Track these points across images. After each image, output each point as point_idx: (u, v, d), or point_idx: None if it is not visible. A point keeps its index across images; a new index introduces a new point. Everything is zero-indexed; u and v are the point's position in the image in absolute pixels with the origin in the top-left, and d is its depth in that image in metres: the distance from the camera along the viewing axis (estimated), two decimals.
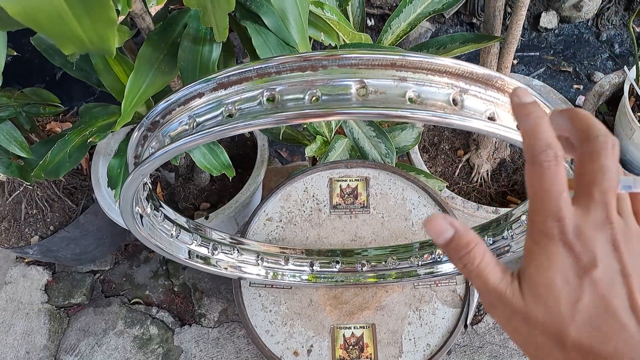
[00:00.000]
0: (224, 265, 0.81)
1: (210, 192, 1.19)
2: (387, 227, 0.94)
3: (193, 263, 0.76)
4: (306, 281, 0.88)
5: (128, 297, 1.53)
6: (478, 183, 1.17)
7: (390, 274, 0.88)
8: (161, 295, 1.53)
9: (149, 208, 0.67)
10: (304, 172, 0.99)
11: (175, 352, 1.43)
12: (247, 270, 0.85)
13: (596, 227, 0.27)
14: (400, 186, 0.98)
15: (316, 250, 0.90)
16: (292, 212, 0.97)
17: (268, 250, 0.87)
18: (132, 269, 1.57)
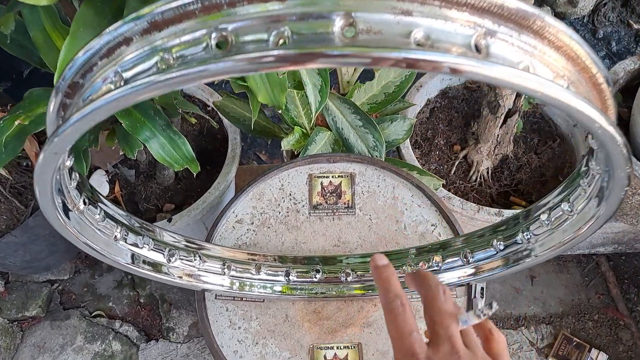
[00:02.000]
0: (178, 273, 0.66)
1: (175, 192, 1.04)
2: (375, 231, 0.81)
3: (138, 269, 0.61)
4: (281, 293, 0.74)
5: (89, 310, 1.37)
6: (477, 182, 1.04)
7: None
8: (125, 307, 1.37)
9: (80, 202, 0.52)
10: (279, 168, 0.85)
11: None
12: (209, 280, 0.70)
13: (444, 357, 0.33)
14: (390, 183, 0.84)
15: (293, 258, 0.76)
16: (265, 213, 0.82)
17: (235, 256, 0.73)
18: (94, 278, 1.41)
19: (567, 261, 1.39)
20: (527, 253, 0.60)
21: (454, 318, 0.36)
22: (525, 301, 1.34)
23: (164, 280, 0.66)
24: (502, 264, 0.63)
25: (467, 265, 0.69)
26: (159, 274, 0.64)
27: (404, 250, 0.75)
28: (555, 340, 1.27)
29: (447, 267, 0.70)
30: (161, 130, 0.80)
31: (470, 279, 0.68)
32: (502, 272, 0.64)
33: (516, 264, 0.61)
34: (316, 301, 0.76)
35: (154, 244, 0.65)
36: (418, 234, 0.80)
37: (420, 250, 0.73)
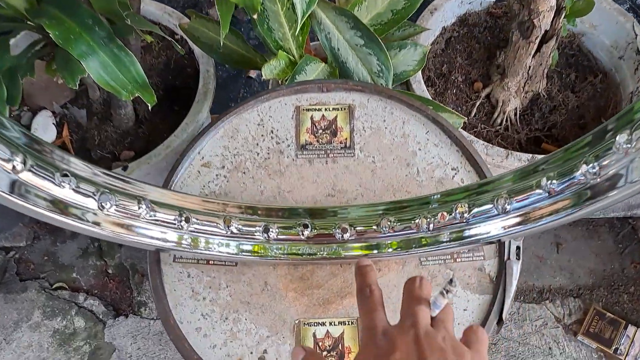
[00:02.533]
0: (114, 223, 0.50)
1: (136, 137, 0.88)
2: (380, 177, 0.64)
3: (26, 205, 0.45)
4: (258, 254, 0.58)
5: (49, 281, 1.22)
6: (503, 126, 0.88)
7: (386, 243, 0.58)
8: (91, 278, 1.22)
9: None
10: (258, 98, 0.69)
11: (105, 350, 1.14)
12: (160, 236, 0.54)
13: (403, 330, 0.37)
14: (399, 117, 0.68)
15: (274, 209, 0.60)
16: (240, 154, 0.66)
17: (197, 206, 0.57)
18: (56, 245, 1.26)
19: (598, 225, 1.24)
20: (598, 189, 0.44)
21: (424, 302, 0.39)
22: (550, 271, 1.20)
23: (92, 232, 0.50)
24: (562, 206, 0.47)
25: (503, 215, 0.52)
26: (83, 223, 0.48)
27: (416, 199, 0.58)
28: (585, 316, 1.12)
29: (476, 219, 0.54)
30: (102, 45, 0.64)
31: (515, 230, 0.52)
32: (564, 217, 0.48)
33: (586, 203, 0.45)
34: (304, 265, 0.61)
35: (78, 182, 0.48)
36: (435, 180, 0.64)
37: (440, 197, 0.57)
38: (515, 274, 0.59)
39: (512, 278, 0.58)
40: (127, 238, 0.53)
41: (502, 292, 0.58)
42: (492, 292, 0.59)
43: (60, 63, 0.72)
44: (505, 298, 0.58)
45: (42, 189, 0.47)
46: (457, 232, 0.56)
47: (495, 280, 0.59)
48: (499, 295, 0.58)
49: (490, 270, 0.60)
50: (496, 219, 0.53)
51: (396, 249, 0.58)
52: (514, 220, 0.52)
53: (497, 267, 0.60)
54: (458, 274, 0.60)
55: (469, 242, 0.56)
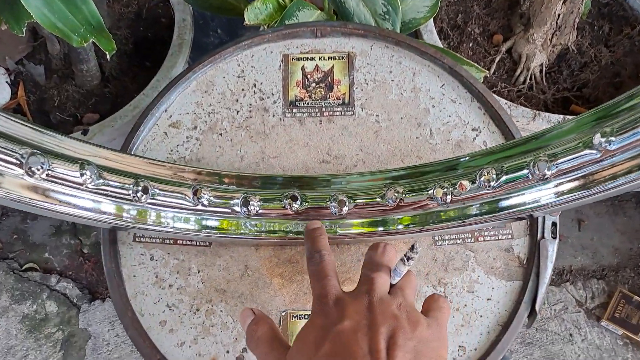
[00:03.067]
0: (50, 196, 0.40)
1: (101, 98, 0.77)
2: (385, 139, 0.54)
3: None
4: (235, 233, 0.48)
5: (19, 262, 1.13)
6: (526, 85, 0.77)
7: (394, 218, 0.48)
8: (65, 259, 1.13)
9: None
10: (237, 44, 0.58)
11: (80, 338, 1.05)
12: (111, 210, 0.44)
13: (356, 297, 0.36)
14: (409, 68, 0.57)
15: (256, 178, 0.49)
16: (216, 112, 0.55)
17: (158, 172, 0.47)
18: (26, 223, 1.16)
19: (623, 201, 1.14)
20: None
21: (384, 268, 0.37)
22: (570, 251, 1.10)
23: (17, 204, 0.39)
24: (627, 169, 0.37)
25: (541, 184, 0.42)
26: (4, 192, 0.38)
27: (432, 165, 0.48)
28: (610, 300, 1.03)
29: (507, 188, 0.43)
30: None
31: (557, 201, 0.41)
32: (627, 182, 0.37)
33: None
34: (292, 246, 0.51)
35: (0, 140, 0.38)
36: (451, 142, 0.54)
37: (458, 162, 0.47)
38: (551, 256, 0.49)
39: (547, 261, 0.48)
40: (66, 212, 0.43)
41: (534, 278, 0.48)
42: (522, 278, 0.49)
43: (3, 6, 0.60)
44: (539, 285, 0.48)
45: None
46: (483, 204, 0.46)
47: (526, 264, 0.49)
48: (530, 281, 0.48)
49: (520, 252, 0.50)
50: (533, 188, 0.43)
51: (408, 226, 0.47)
52: (556, 189, 0.42)
53: (528, 247, 0.50)
54: (481, 257, 0.50)
55: (498, 218, 0.45)
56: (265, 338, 0.38)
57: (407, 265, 0.35)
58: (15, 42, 0.77)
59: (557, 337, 1.02)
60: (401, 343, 0.32)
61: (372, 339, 0.32)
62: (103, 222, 0.46)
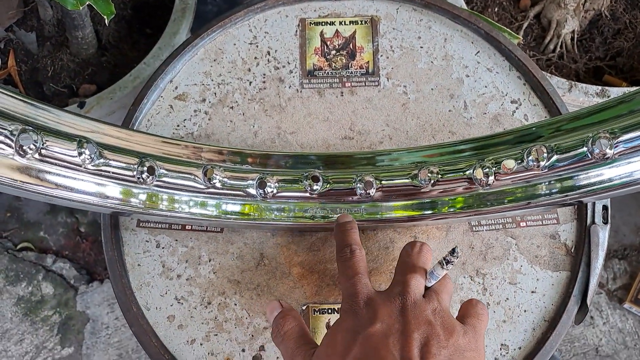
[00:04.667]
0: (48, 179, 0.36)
1: (99, 68, 0.71)
2: (414, 113, 0.49)
3: None
4: (249, 217, 0.44)
5: (13, 241, 1.09)
6: (557, 53, 0.72)
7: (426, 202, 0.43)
8: (61, 238, 1.09)
9: None
10: (249, 8, 0.52)
11: (77, 321, 1.01)
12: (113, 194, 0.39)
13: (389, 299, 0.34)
14: (440, 33, 0.51)
15: (273, 156, 0.44)
16: (226, 83, 0.50)
17: (166, 150, 0.42)
18: (20, 200, 1.11)
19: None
20: None
21: (419, 270, 0.36)
22: None
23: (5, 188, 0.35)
24: None
25: (603, 164, 0.37)
26: None
27: (468, 142, 0.43)
28: (633, 281, 1.00)
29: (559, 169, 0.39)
30: None
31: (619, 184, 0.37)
32: None
33: None
34: (313, 231, 0.46)
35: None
36: (488, 116, 0.49)
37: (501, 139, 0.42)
38: (603, 244, 0.44)
39: (598, 249, 0.44)
40: (62, 197, 0.38)
41: (584, 268, 0.44)
42: (570, 268, 0.45)
43: None
44: (590, 276, 0.43)
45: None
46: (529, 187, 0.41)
47: (575, 252, 0.45)
48: (580, 272, 0.44)
49: (567, 239, 0.45)
50: (593, 169, 0.38)
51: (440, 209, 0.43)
52: (619, 170, 0.37)
53: (576, 234, 0.45)
54: (523, 245, 0.45)
55: (549, 203, 0.41)
56: (292, 334, 0.36)
57: (445, 269, 0.34)
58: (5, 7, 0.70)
59: None
60: (435, 351, 0.31)
61: (405, 345, 0.31)
62: (104, 207, 0.41)
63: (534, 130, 0.42)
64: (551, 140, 0.40)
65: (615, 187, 0.38)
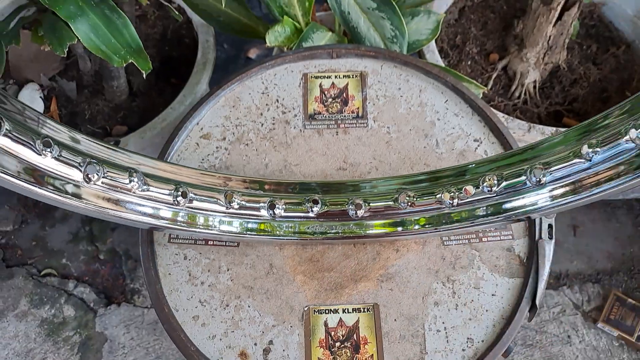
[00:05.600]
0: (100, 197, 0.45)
1: (130, 112, 0.82)
2: (395, 149, 0.59)
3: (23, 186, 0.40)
4: (262, 233, 0.53)
5: (37, 268, 1.17)
6: (521, 100, 0.83)
7: (405, 220, 0.53)
8: (82, 264, 1.17)
9: None
10: (262, 65, 0.63)
11: (96, 341, 1.08)
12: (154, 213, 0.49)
13: None
14: (416, 85, 0.62)
15: (280, 184, 0.54)
16: (242, 125, 0.61)
17: (195, 179, 0.52)
18: (45, 230, 1.20)
19: (616, 207, 1.19)
20: None
21: None
22: (567, 256, 1.15)
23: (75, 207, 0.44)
24: (608, 177, 0.42)
25: (539, 188, 0.47)
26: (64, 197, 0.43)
27: (439, 172, 0.53)
28: (605, 302, 1.08)
29: (506, 192, 0.49)
30: (92, 5, 0.58)
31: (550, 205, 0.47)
32: (608, 188, 0.42)
33: None
34: (313, 245, 0.56)
35: (61, 151, 0.43)
36: (456, 152, 0.59)
37: (463, 170, 0.52)
38: (549, 255, 0.54)
39: (545, 259, 0.53)
40: (116, 215, 0.48)
41: (534, 275, 0.53)
42: (523, 275, 0.54)
43: (47, 28, 0.66)
44: (539, 282, 0.53)
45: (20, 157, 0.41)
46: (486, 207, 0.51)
47: (527, 262, 0.54)
48: (530, 278, 0.53)
49: (520, 252, 0.55)
50: (531, 192, 0.48)
51: (416, 226, 0.53)
52: (550, 193, 0.47)
53: (527, 247, 0.55)
54: (485, 256, 0.55)
55: (501, 220, 0.51)
56: None
57: None
58: (50, 60, 0.82)
59: (556, 338, 1.07)
60: None
61: None
62: (144, 224, 0.51)
63: (488, 164, 0.52)
64: (500, 170, 0.50)
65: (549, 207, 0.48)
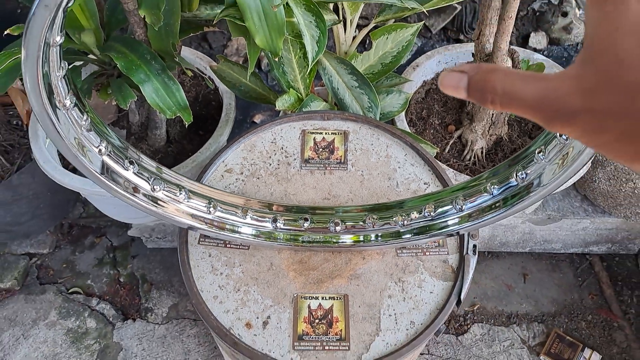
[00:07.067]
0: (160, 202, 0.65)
1: (166, 154, 1.03)
2: (366, 186, 0.80)
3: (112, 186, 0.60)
4: (267, 239, 0.73)
5: (66, 286, 1.34)
6: (471, 161, 1.04)
7: (370, 235, 0.73)
8: (104, 285, 1.34)
9: (67, 99, 0.52)
10: (272, 122, 0.85)
11: (113, 349, 1.24)
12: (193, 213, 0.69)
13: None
14: (384, 142, 0.84)
15: (281, 206, 0.75)
16: (256, 164, 0.82)
17: (223, 197, 0.72)
18: (75, 254, 1.38)
19: (560, 260, 1.38)
20: (528, 189, 0.59)
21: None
22: (517, 299, 1.33)
23: (141, 205, 0.64)
24: (502, 204, 0.63)
25: (460, 212, 0.68)
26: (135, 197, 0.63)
27: (395, 202, 0.74)
28: (547, 339, 1.25)
29: (439, 216, 0.69)
30: (156, 74, 0.80)
31: (468, 224, 0.67)
32: (503, 212, 0.63)
33: (519, 200, 0.60)
34: (303, 251, 0.75)
35: (139, 169, 0.64)
36: (410, 191, 0.80)
37: (412, 201, 0.73)
38: (472, 266, 0.73)
39: (469, 268, 0.73)
40: (168, 215, 0.68)
41: (460, 279, 0.72)
42: (453, 280, 0.73)
43: (115, 89, 0.88)
44: (464, 284, 0.72)
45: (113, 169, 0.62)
46: (425, 226, 0.71)
47: (457, 271, 0.74)
48: (458, 281, 0.72)
49: (453, 263, 0.74)
50: (455, 215, 0.68)
51: (376, 239, 0.73)
52: (468, 216, 0.68)
53: (458, 260, 0.74)
54: (427, 265, 0.74)
55: (436, 235, 0.71)
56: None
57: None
58: (107, 112, 1.04)
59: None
60: None
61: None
62: (185, 224, 0.71)
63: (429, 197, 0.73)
64: (437, 202, 0.70)
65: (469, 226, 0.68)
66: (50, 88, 0.48)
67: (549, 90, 0.24)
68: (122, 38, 0.83)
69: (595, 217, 1.21)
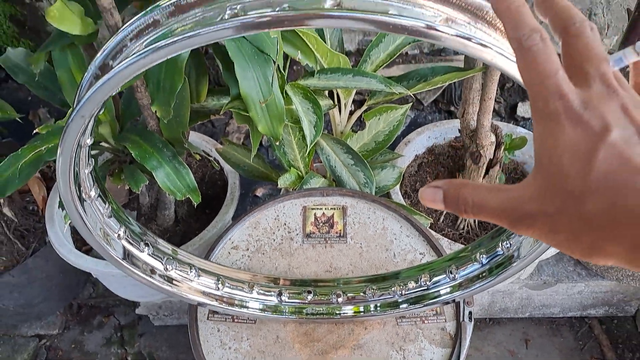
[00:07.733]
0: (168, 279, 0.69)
1: (174, 234, 1.08)
2: (366, 258, 0.84)
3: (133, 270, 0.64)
4: (273, 313, 0.76)
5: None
6: (465, 230, 1.09)
7: (370, 305, 0.76)
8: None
9: (93, 190, 0.57)
10: (275, 200, 0.91)
11: None
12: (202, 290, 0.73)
13: (602, 97, 0.26)
14: (380, 215, 0.89)
15: (286, 279, 0.79)
16: (260, 240, 0.86)
17: (230, 274, 0.76)
18: (83, 335, 1.39)
19: (560, 325, 1.39)
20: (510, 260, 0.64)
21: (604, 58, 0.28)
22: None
23: (156, 285, 0.68)
24: (488, 274, 0.67)
25: (453, 281, 0.72)
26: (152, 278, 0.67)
27: (392, 273, 0.78)
28: None
29: (434, 285, 0.73)
30: (167, 161, 0.87)
31: (459, 293, 0.70)
32: (490, 282, 0.67)
33: (503, 270, 0.64)
34: (307, 323, 0.78)
35: (153, 250, 0.68)
36: (407, 261, 0.84)
37: (408, 272, 0.77)
38: (469, 332, 0.76)
39: (466, 335, 0.75)
40: (179, 293, 0.71)
41: (458, 346, 0.75)
42: (451, 346, 0.75)
43: (127, 174, 0.94)
44: (462, 350, 0.74)
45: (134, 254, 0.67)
46: (421, 295, 0.75)
47: (454, 337, 0.76)
48: (456, 348, 0.75)
49: (450, 330, 0.77)
50: (449, 284, 0.72)
51: (376, 309, 0.76)
52: (459, 285, 0.71)
53: (455, 327, 0.77)
54: (426, 333, 0.77)
55: (431, 304, 0.74)
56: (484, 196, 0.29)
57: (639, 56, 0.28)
58: (118, 195, 1.10)
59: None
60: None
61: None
62: (194, 301, 0.74)
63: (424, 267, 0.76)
64: (431, 272, 0.74)
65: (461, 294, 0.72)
66: (78, 183, 0.54)
67: (511, 199, 0.28)
68: (135, 129, 0.90)
69: (590, 280, 1.24)
